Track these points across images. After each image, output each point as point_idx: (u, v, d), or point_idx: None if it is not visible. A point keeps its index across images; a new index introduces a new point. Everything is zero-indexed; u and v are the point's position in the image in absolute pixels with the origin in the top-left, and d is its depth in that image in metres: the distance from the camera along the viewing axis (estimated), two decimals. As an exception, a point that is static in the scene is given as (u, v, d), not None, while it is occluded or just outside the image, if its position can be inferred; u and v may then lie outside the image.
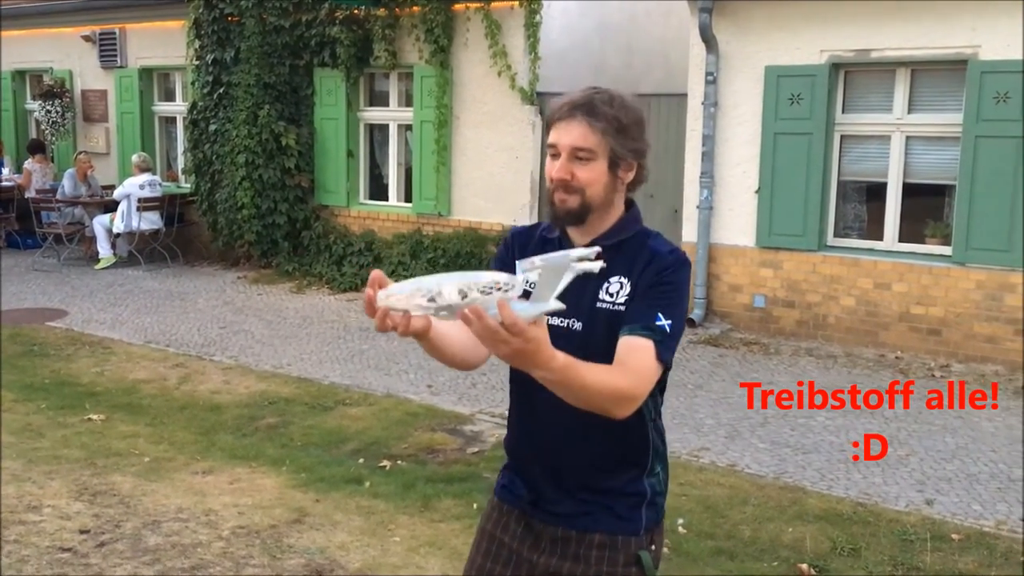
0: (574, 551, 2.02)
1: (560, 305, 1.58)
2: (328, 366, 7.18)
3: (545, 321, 1.61)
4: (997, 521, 4.48)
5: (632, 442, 2.01)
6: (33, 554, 3.92)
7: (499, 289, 1.51)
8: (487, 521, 2.16)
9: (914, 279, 7.46)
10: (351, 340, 8.01)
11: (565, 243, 2.02)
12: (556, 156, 1.95)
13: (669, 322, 1.90)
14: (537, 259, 1.55)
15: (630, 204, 2.05)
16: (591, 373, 1.76)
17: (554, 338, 1.81)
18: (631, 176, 1.99)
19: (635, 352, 1.85)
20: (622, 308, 1.93)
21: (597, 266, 1.58)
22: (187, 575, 3.78)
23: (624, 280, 1.96)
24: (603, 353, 1.88)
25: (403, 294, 1.57)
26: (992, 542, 4.21)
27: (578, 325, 1.96)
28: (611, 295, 1.96)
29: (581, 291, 1.94)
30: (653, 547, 2.06)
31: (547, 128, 2.00)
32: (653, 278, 1.93)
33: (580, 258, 1.55)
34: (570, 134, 1.92)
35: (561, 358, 1.68)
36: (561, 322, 1.97)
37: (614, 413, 1.83)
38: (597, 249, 1.62)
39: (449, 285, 1.53)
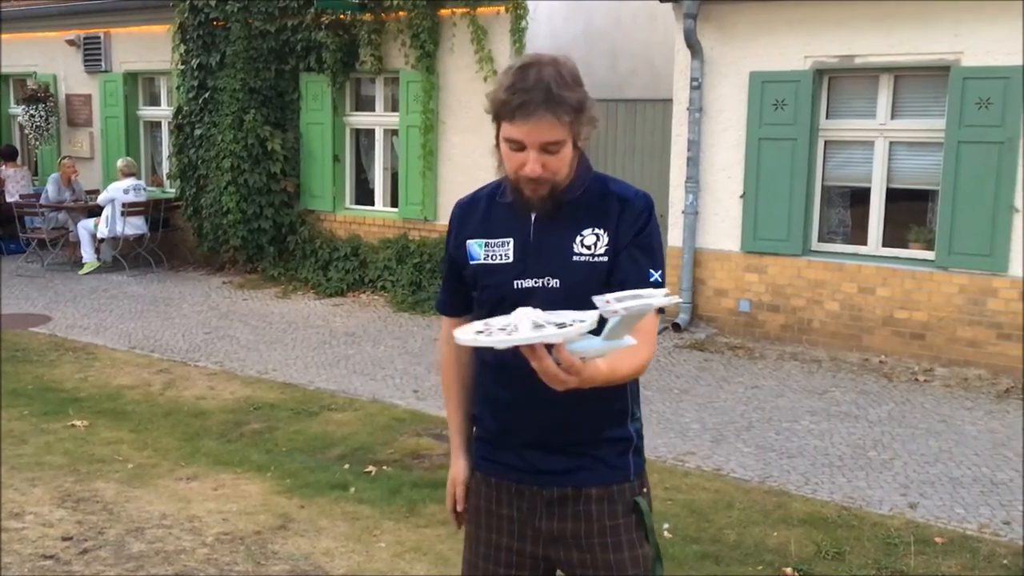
0: (572, 510, 2.01)
1: (633, 341, 1.64)
2: (314, 371, 7.16)
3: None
4: (980, 524, 4.51)
5: (610, 392, 1.98)
6: (15, 561, 3.90)
7: (569, 325, 1.57)
8: (478, 498, 2.14)
9: (897, 283, 7.51)
10: (337, 345, 7.99)
11: (521, 205, 2.00)
12: (518, 149, 1.90)
13: (659, 272, 1.96)
14: (620, 306, 1.56)
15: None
16: (624, 365, 1.80)
17: (528, 296, 1.91)
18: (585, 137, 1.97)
19: (644, 321, 1.86)
20: (603, 259, 1.94)
21: (676, 298, 1.68)
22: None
23: (599, 231, 1.96)
24: (583, 306, 1.86)
25: (482, 331, 1.63)
26: (975, 545, 4.23)
27: (555, 282, 1.95)
28: (587, 247, 1.96)
29: (551, 246, 1.97)
30: (645, 489, 2.09)
31: (495, 114, 1.91)
32: (631, 227, 1.95)
33: (663, 304, 1.61)
34: (538, 131, 1.86)
35: (604, 371, 1.70)
36: (535, 282, 1.97)
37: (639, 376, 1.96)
38: (676, 299, 1.69)
39: (525, 321, 1.59)
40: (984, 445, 5.63)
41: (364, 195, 10.89)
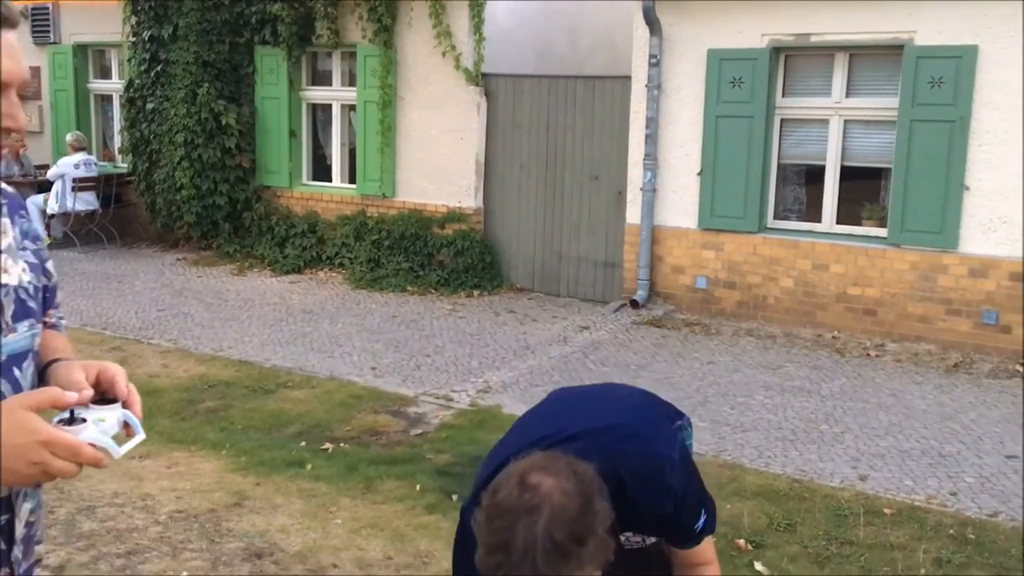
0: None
1: None
2: (270, 349, 7.09)
3: None
4: (928, 495, 4.61)
5: None
6: (-38, 542, 3.82)
7: None
8: None
9: (851, 260, 7.61)
10: (293, 322, 7.92)
11: None
12: None
13: (705, 513, 1.91)
14: None
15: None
16: None
17: None
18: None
19: (699, 554, 1.93)
20: (655, 541, 1.95)
21: None
22: (123, 560, 3.71)
23: (642, 535, 1.94)
24: (654, 566, 1.99)
25: None
26: (923, 516, 4.33)
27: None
28: (635, 542, 1.93)
29: None
30: None
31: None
32: (671, 522, 1.87)
33: None
34: None
35: None
36: None
37: None
38: None
39: None
40: (933, 418, 5.75)
41: (321, 171, 10.77)
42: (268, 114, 10.59)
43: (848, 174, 7.81)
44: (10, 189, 1.51)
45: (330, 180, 10.63)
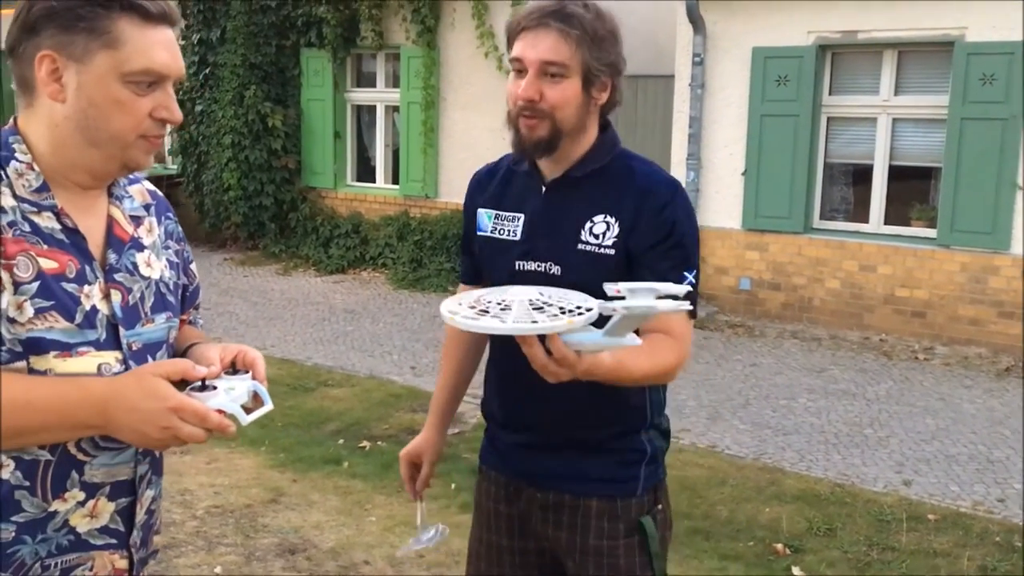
0: (569, 520, 1.85)
1: (637, 341, 1.48)
2: (312, 347, 7.16)
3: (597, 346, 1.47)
4: (974, 502, 4.49)
5: (626, 394, 1.80)
6: (6, 533, 3.90)
7: (571, 312, 1.43)
8: (480, 495, 2.03)
9: (899, 261, 7.46)
10: (336, 322, 7.99)
11: (534, 175, 1.85)
12: (521, 72, 1.73)
13: (693, 273, 1.75)
14: (620, 305, 1.38)
15: (606, 125, 1.84)
16: (639, 365, 1.61)
17: (529, 281, 1.75)
18: (605, 96, 1.77)
19: (672, 322, 1.71)
20: (610, 252, 1.74)
21: (686, 306, 1.44)
22: (159, 553, 3.76)
23: (610, 219, 1.75)
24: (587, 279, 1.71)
25: (468, 300, 1.49)
26: (968, 522, 4.21)
27: (556, 269, 1.78)
28: (595, 236, 1.76)
29: (557, 228, 1.79)
30: (659, 506, 1.92)
31: (509, 43, 1.78)
32: (654, 221, 1.73)
33: (669, 310, 1.39)
34: (539, 46, 1.70)
35: (607, 366, 1.52)
36: (538, 266, 1.80)
37: (664, 383, 1.84)
38: (687, 305, 1.45)
39: (521, 298, 1.46)
40: (982, 423, 5.60)
41: (365, 172, 10.86)
42: (313, 116, 10.70)
43: (897, 173, 7.66)
44: (160, 193, 1.60)
45: (374, 181, 10.71)
